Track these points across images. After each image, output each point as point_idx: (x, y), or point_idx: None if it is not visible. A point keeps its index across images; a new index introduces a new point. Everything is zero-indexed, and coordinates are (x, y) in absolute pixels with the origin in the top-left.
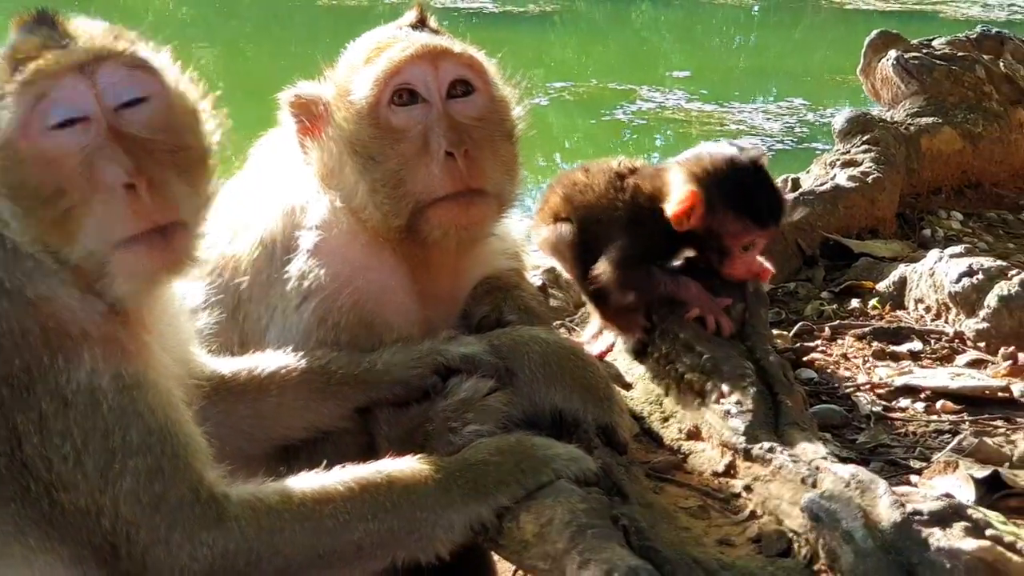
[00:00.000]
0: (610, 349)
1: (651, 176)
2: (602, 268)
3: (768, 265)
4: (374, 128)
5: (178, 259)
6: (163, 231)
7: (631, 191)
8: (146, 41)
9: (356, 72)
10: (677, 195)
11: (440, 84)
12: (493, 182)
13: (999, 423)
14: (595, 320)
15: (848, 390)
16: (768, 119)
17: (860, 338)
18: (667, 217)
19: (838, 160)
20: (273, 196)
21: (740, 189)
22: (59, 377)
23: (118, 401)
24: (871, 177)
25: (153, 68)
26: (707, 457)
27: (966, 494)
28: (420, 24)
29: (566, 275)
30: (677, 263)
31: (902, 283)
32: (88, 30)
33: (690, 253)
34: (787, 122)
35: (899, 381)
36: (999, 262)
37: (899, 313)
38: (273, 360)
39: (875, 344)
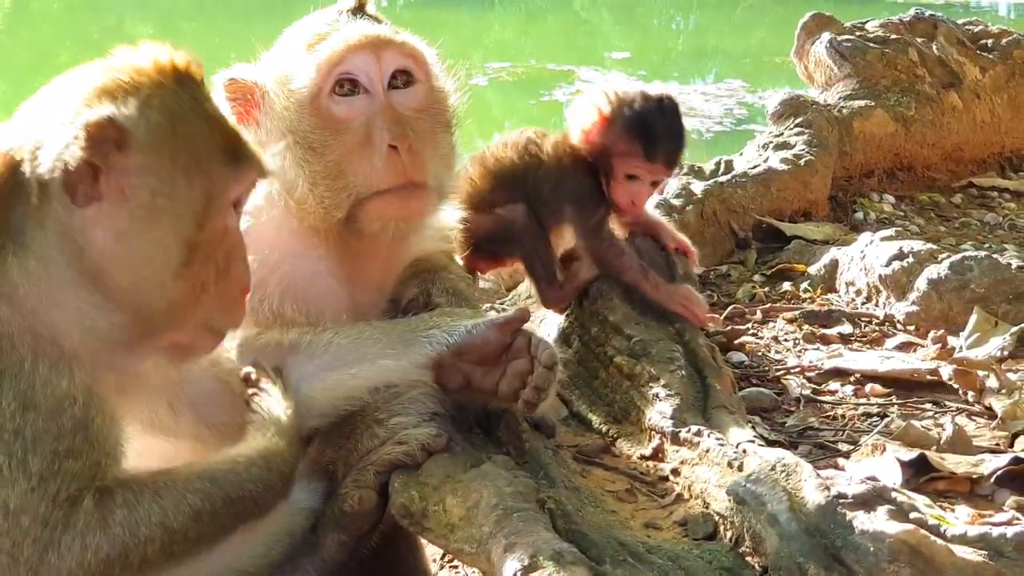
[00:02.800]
0: None
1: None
2: (581, 245)
3: (692, 247)
4: (315, 118)
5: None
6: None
7: (553, 147)
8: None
9: (296, 60)
10: (583, 109)
11: (382, 74)
12: (433, 175)
13: (927, 406)
14: None
15: (778, 373)
16: (707, 101)
17: (791, 321)
18: (589, 163)
19: (771, 143)
20: None
21: (641, 115)
22: (34, 382)
23: (82, 412)
24: (804, 160)
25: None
26: (635, 440)
27: (893, 477)
28: (359, 10)
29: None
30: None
31: (833, 266)
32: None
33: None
34: (726, 104)
35: (829, 364)
36: (929, 245)
37: (830, 296)
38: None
39: (806, 327)
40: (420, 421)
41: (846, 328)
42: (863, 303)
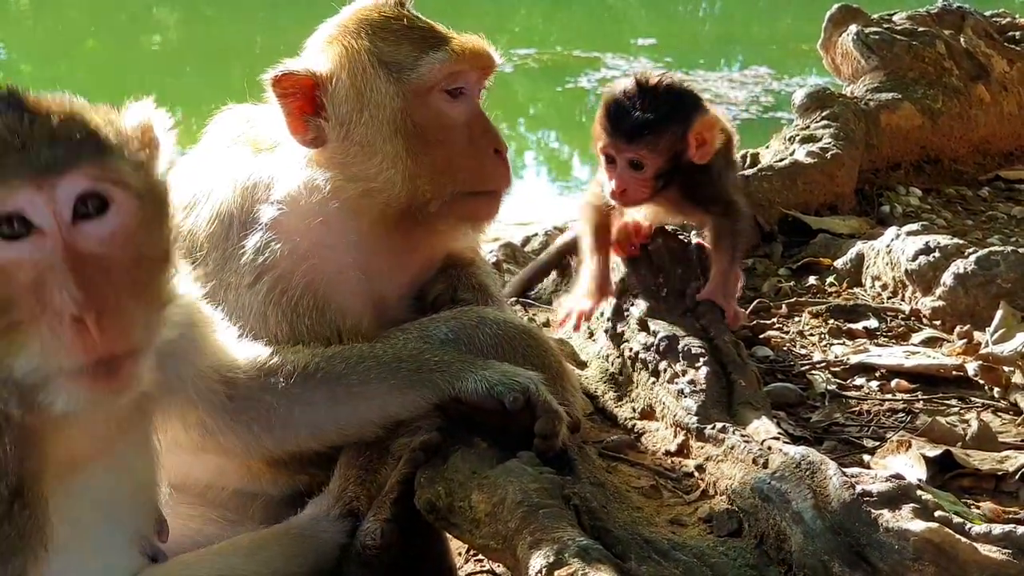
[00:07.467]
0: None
1: None
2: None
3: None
4: (426, 110)
5: (123, 387)
6: (110, 362)
7: None
8: (120, 111)
9: (399, 50)
10: None
11: (481, 84)
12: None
13: (953, 402)
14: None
15: (804, 368)
16: (733, 88)
17: (817, 315)
18: None
19: (797, 136)
20: (233, 171)
21: (609, 95)
22: None
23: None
24: (830, 153)
25: (121, 177)
26: (660, 436)
27: (918, 473)
28: None
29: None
30: None
31: (859, 260)
32: (56, 119)
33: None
34: (752, 91)
35: (854, 359)
36: (956, 240)
37: (856, 290)
38: (355, 348)
39: (831, 321)
40: (442, 424)
41: (872, 323)
42: (889, 298)
